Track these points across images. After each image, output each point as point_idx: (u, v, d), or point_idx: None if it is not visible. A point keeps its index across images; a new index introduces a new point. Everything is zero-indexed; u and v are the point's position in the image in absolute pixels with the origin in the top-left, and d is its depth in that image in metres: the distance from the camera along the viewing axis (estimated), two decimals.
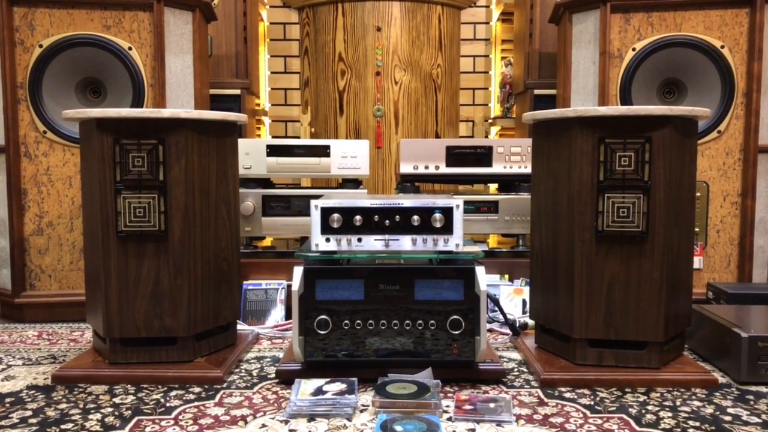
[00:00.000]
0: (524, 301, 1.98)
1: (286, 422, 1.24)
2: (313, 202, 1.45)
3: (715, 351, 1.56)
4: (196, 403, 1.34)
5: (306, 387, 1.34)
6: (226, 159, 1.59)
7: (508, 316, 1.81)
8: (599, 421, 1.24)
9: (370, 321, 1.42)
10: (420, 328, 1.42)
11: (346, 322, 1.42)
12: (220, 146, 1.57)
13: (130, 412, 1.29)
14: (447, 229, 1.44)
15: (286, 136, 3.27)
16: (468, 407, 1.28)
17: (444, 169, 2.19)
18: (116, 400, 1.36)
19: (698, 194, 2.04)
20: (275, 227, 2.13)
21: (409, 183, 2.26)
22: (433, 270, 1.42)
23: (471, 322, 1.41)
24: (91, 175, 1.51)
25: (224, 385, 1.45)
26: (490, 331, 1.87)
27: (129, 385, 1.44)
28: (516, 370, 1.55)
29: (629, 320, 1.45)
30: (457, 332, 1.41)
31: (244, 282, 2.01)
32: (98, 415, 1.28)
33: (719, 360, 1.54)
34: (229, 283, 1.62)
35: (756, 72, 2.01)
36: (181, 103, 2.13)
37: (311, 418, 1.25)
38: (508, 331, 1.82)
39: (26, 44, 2.00)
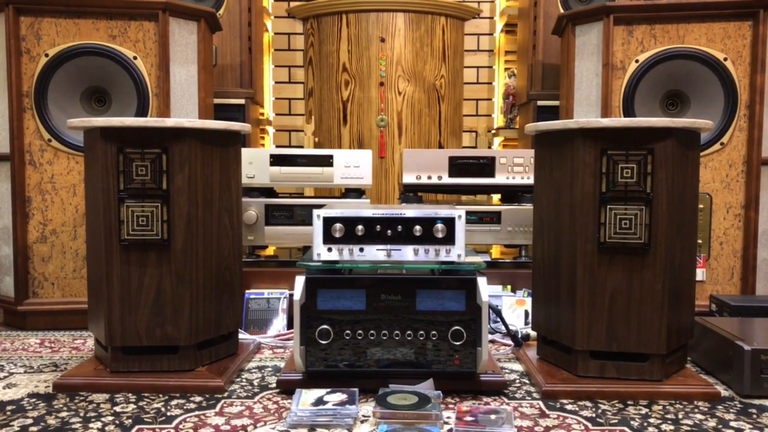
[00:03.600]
0: (526, 312, 1.97)
1: None
2: (315, 212, 1.45)
3: (717, 364, 1.56)
4: (196, 413, 1.34)
5: (307, 397, 1.34)
6: (229, 168, 1.60)
7: (510, 327, 1.81)
8: None
9: (372, 331, 1.42)
10: (421, 338, 1.42)
11: (348, 332, 1.42)
12: (223, 155, 1.58)
13: (130, 420, 1.29)
14: (449, 239, 1.44)
15: (289, 146, 3.28)
16: (469, 419, 1.27)
17: (447, 180, 2.19)
18: (117, 408, 1.36)
19: (701, 206, 2.04)
20: (278, 236, 2.13)
21: (412, 193, 2.26)
22: (435, 280, 1.42)
23: (472, 333, 1.41)
24: (94, 183, 1.52)
25: (225, 394, 1.45)
26: (492, 342, 1.87)
27: (130, 394, 1.44)
28: (518, 381, 1.55)
29: (631, 332, 1.45)
30: (458, 343, 1.41)
31: (247, 291, 2.01)
32: (99, 424, 1.28)
33: (722, 373, 1.53)
34: (231, 292, 1.62)
35: (759, 84, 2.01)
36: (185, 113, 2.14)
37: (312, 428, 1.25)
38: (510, 342, 1.81)
39: (32, 53, 2.01)
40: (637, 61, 2.08)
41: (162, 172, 1.47)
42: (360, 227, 1.45)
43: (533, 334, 1.78)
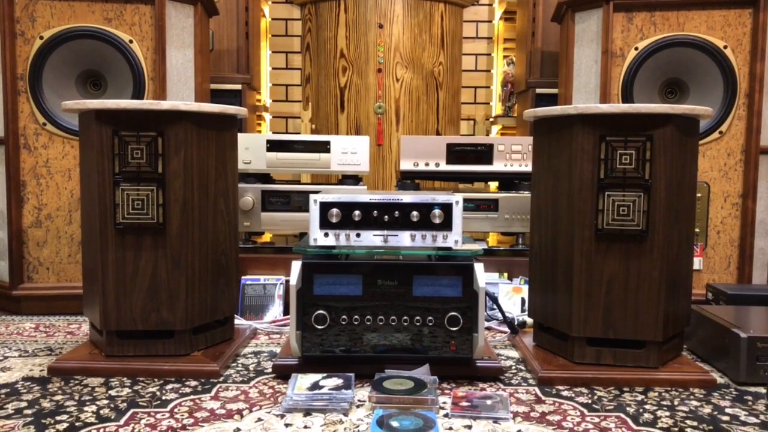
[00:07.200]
0: (523, 300, 1.97)
1: (282, 416, 1.23)
2: (312, 197, 1.44)
3: (713, 351, 1.56)
4: (192, 397, 1.33)
5: (302, 382, 1.34)
6: (225, 153, 1.59)
7: (507, 314, 1.81)
8: (596, 420, 1.24)
9: (368, 317, 1.41)
10: (418, 324, 1.41)
11: (344, 317, 1.41)
12: (219, 140, 1.56)
13: (125, 404, 1.29)
14: (446, 225, 1.44)
15: (286, 133, 3.26)
16: (465, 404, 1.27)
17: (444, 167, 2.19)
18: (112, 392, 1.35)
19: (699, 195, 2.03)
20: (274, 222, 2.12)
21: (409, 180, 2.26)
22: (432, 266, 1.42)
23: (469, 319, 1.40)
24: (89, 166, 1.51)
25: (221, 379, 1.44)
26: (489, 329, 1.87)
27: (125, 378, 1.44)
28: (514, 367, 1.55)
29: (628, 319, 1.45)
30: (455, 329, 1.41)
31: (243, 277, 2.01)
32: (93, 407, 1.27)
33: (718, 360, 1.53)
34: (227, 278, 1.61)
35: (758, 73, 2.00)
36: (181, 97, 2.12)
37: (307, 412, 1.25)
38: (506, 329, 1.81)
39: (27, 36, 1.99)
40: (636, 48, 2.07)
41: (157, 156, 1.46)
42: (357, 212, 1.44)
43: (529, 321, 1.78)
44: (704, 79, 2.06)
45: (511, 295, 1.99)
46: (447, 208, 1.44)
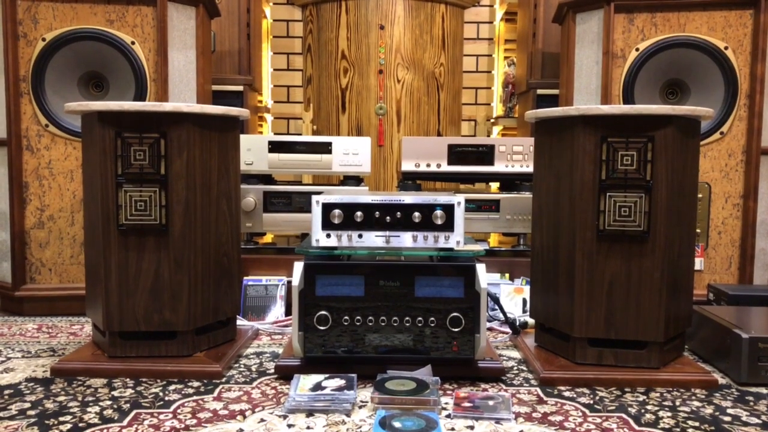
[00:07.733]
0: (524, 300, 1.97)
1: (285, 417, 1.23)
2: (314, 198, 1.44)
3: (715, 352, 1.56)
4: (194, 398, 1.34)
5: (305, 382, 1.34)
6: (227, 154, 1.59)
7: (508, 315, 1.81)
8: (598, 420, 1.24)
9: (370, 317, 1.42)
10: (420, 325, 1.42)
11: (346, 318, 1.42)
12: (221, 141, 1.57)
13: (128, 405, 1.29)
14: (448, 226, 1.44)
15: (288, 134, 3.27)
16: (467, 404, 1.28)
17: (446, 168, 2.19)
18: (115, 393, 1.36)
19: (700, 195, 2.03)
20: (276, 223, 2.13)
21: (411, 181, 2.26)
22: (434, 267, 1.42)
23: (471, 320, 1.41)
24: (92, 168, 1.51)
25: (223, 379, 1.45)
26: (490, 329, 1.87)
27: (128, 379, 1.44)
28: (515, 368, 1.55)
29: (629, 320, 1.45)
30: (456, 330, 1.41)
31: (245, 278, 2.01)
32: (97, 408, 1.28)
33: (719, 361, 1.53)
34: (229, 279, 1.62)
35: (759, 73, 2.01)
36: (183, 99, 2.13)
37: (310, 413, 1.25)
38: (508, 329, 1.82)
39: (29, 37, 2.00)
40: (637, 49, 2.07)
41: (160, 157, 1.47)
42: (359, 213, 1.44)
43: (531, 321, 1.78)
44: (705, 80, 2.06)
45: (512, 296, 2.00)
46: (449, 209, 1.44)
